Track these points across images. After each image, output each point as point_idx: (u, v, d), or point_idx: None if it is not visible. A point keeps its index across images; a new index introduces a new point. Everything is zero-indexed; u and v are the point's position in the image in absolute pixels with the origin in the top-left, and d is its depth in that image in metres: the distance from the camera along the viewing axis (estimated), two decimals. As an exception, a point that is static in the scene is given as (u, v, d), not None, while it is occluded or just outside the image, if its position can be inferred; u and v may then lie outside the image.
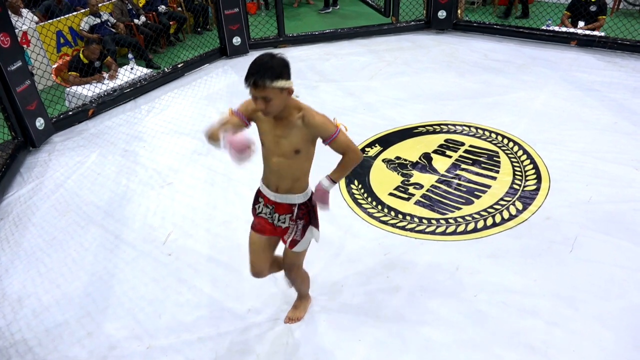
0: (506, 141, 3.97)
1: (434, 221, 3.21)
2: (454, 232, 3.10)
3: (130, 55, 5.79)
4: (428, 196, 3.45)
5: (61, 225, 3.52)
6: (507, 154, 3.80)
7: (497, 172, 3.62)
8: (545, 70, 5.15)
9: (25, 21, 5.99)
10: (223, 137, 1.88)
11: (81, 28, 6.43)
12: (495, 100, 4.63)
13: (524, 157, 3.75)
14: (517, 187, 3.44)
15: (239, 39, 6.16)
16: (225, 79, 5.74)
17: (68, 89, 5.23)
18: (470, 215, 3.23)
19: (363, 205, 3.44)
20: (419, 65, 5.57)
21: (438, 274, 2.81)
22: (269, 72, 1.76)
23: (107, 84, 5.30)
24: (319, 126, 1.92)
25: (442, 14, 6.27)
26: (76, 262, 3.16)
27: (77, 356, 2.54)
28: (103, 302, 2.84)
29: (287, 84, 1.82)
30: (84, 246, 3.29)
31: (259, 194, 2.20)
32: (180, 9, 7.67)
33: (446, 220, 3.21)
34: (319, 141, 1.99)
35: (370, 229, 3.21)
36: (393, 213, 3.33)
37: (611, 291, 2.59)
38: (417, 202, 3.40)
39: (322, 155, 2.22)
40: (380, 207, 3.40)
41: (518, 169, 3.62)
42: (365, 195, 3.54)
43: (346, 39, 6.53)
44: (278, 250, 2.36)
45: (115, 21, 6.63)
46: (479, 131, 4.15)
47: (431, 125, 4.32)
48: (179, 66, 5.85)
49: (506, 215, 3.20)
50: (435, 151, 3.93)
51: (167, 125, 4.79)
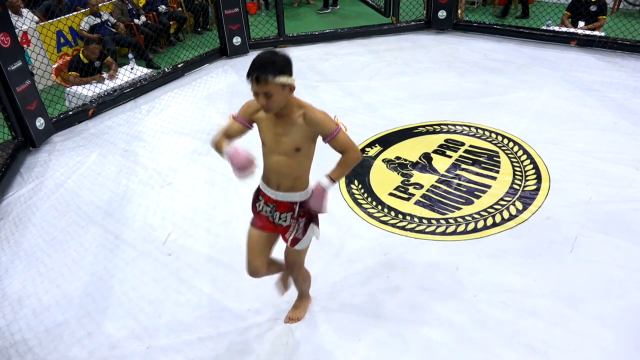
0: (506, 141, 3.97)
1: (434, 221, 3.21)
2: (454, 232, 3.10)
3: (130, 55, 5.80)
4: (428, 196, 3.45)
5: (61, 225, 3.52)
6: (507, 154, 3.80)
7: (497, 172, 3.62)
8: (545, 70, 5.15)
9: (25, 21, 5.99)
10: (226, 152, 1.93)
11: (81, 28, 6.43)
12: (495, 100, 4.63)
13: (524, 157, 3.75)
14: (517, 187, 3.44)
15: (239, 39, 6.16)
16: (225, 79, 5.74)
17: (68, 89, 5.23)
18: (470, 215, 3.23)
19: (363, 205, 3.44)
20: (419, 65, 5.57)
21: (438, 274, 2.81)
22: (272, 68, 1.76)
23: (107, 84, 5.31)
24: (320, 123, 1.91)
25: (442, 14, 6.27)
26: (76, 262, 3.16)
27: (77, 356, 2.54)
28: (103, 302, 2.84)
29: (289, 81, 1.82)
30: (84, 246, 3.29)
31: (259, 193, 2.19)
32: (180, 9, 7.67)
33: (446, 220, 3.21)
34: (319, 140, 1.99)
35: (370, 229, 3.21)
36: (393, 213, 3.33)
37: (611, 291, 2.59)
38: (417, 202, 3.40)
39: (323, 155, 2.22)
40: (380, 207, 3.40)
41: (518, 169, 3.62)
42: (365, 195, 3.54)
43: (346, 39, 6.53)
44: (278, 253, 2.36)
45: (115, 21, 6.63)
46: (479, 131, 4.15)
47: (431, 125, 4.32)
48: (179, 66, 5.85)
49: (506, 215, 3.20)
50: (435, 151, 3.93)
51: (167, 125, 4.79)
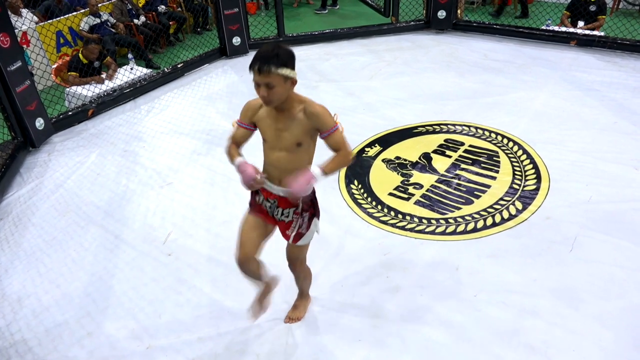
0: (506, 141, 3.97)
1: (434, 221, 3.21)
2: (454, 232, 3.10)
3: (130, 55, 5.79)
4: (428, 196, 3.45)
5: (61, 225, 3.52)
6: (507, 154, 3.80)
7: (497, 172, 3.62)
8: (545, 70, 5.15)
9: (25, 21, 5.99)
10: (236, 165, 2.01)
11: (81, 28, 6.43)
12: (495, 100, 4.63)
13: (524, 157, 3.75)
14: (517, 187, 3.44)
15: (239, 39, 6.16)
16: (225, 79, 5.74)
17: (68, 89, 5.22)
18: (470, 215, 3.23)
19: (363, 205, 3.44)
20: (419, 65, 5.57)
21: (438, 274, 2.81)
22: (275, 59, 1.77)
23: (107, 84, 5.30)
24: (319, 116, 1.91)
25: (442, 14, 6.27)
26: (76, 262, 3.16)
27: (77, 356, 2.54)
28: (103, 302, 2.84)
29: (292, 74, 1.83)
30: (84, 246, 3.29)
31: (259, 189, 2.17)
32: (180, 9, 7.67)
33: (446, 220, 3.21)
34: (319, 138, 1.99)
35: (370, 229, 3.21)
36: (393, 213, 3.33)
37: (611, 291, 2.59)
38: (417, 202, 3.40)
39: (324, 154, 2.21)
40: (380, 207, 3.40)
41: (518, 169, 3.62)
42: (365, 195, 3.54)
43: (346, 39, 6.53)
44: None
45: (114, 21, 6.63)
46: (479, 131, 4.15)
47: (431, 125, 4.32)
48: (179, 66, 5.85)
49: (506, 215, 3.20)
50: (435, 151, 3.93)
51: (167, 125, 4.79)
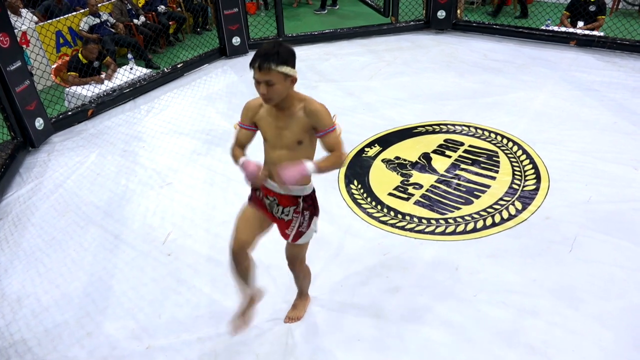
0: (505, 141, 3.97)
1: (434, 221, 3.21)
2: (454, 232, 3.10)
3: (129, 55, 5.79)
4: (427, 196, 3.45)
5: (60, 225, 3.51)
6: (507, 154, 3.80)
7: (497, 172, 3.62)
8: (544, 70, 5.15)
9: (24, 21, 5.99)
10: (240, 164, 1.99)
11: (80, 28, 6.43)
12: (494, 100, 4.64)
13: (524, 157, 3.75)
14: (517, 187, 3.44)
15: (239, 39, 6.15)
16: (224, 79, 5.74)
17: (67, 89, 5.22)
18: (469, 215, 3.23)
19: (362, 205, 3.44)
20: (419, 65, 5.57)
21: (438, 274, 2.81)
22: (275, 57, 1.78)
23: (107, 84, 5.30)
24: (318, 114, 1.91)
25: (442, 14, 6.27)
26: (75, 262, 3.16)
27: (77, 356, 2.54)
28: (102, 302, 2.84)
29: (292, 72, 1.83)
30: (84, 246, 3.29)
31: (258, 190, 2.16)
32: (179, 9, 7.67)
33: (445, 220, 3.21)
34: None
35: (369, 229, 3.21)
36: (392, 213, 3.33)
37: (611, 291, 2.59)
38: (417, 202, 3.40)
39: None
40: (379, 207, 3.40)
41: (517, 169, 3.62)
42: (364, 195, 3.54)
43: (346, 39, 6.53)
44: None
45: (114, 21, 6.63)
46: (479, 131, 4.15)
47: (431, 125, 4.32)
48: (179, 66, 5.85)
49: (505, 215, 3.20)
50: (434, 151, 3.93)
51: (167, 125, 4.79)
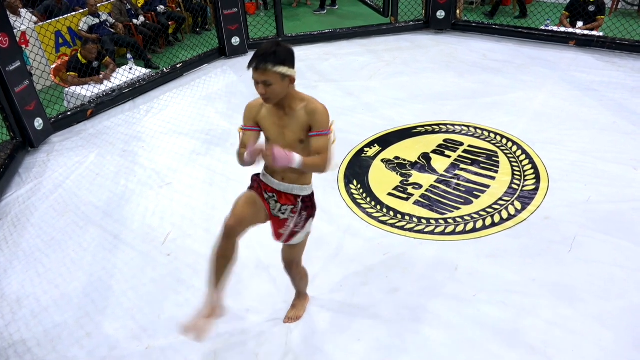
0: (505, 141, 3.97)
1: (433, 221, 3.21)
2: (453, 232, 3.10)
3: (129, 55, 5.79)
4: (427, 196, 3.45)
5: (60, 225, 3.51)
6: (506, 154, 3.80)
7: (496, 172, 3.62)
8: (544, 70, 5.15)
9: (23, 21, 5.98)
10: (247, 152, 1.89)
11: (80, 28, 6.42)
12: (494, 100, 4.64)
13: (523, 157, 3.75)
14: (516, 187, 3.44)
15: (238, 39, 6.15)
16: (224, 79, 5.73)
17: (67, 89, 5.22)
18: (469, 215, 3.23)
19: (362, 205, 3.44)
20: (418, 65, 5.57)
21: (437, 274, 2.80)
22: (272, 57, 1.78)
23: (106, 84, 5.30)
24: (317, 113, 1.90)
25: (441, 14, 6.27)
26: (75, 263, 3.15)
27: (76, 356, 2.53)
28: (102, 303, 2.84)
29: (289, 72, 1.83)
30: (83, 246, 3.29)
31: (259, 182, 2.15)
32: (179, 9, 7.66)
33: (445, 220, 3.21)
34: None
35: (369, 229, 3.21)
36: (392, 213, 3.33)
37: (611, 291, 2.59)
38: (416, 202, 3.40)
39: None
40: (379, 207, 3.40)
41: (517, 169, 3.62)
42: (364, 195, 3.54)
43: (345, 39, 6.52)
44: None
45: (114, 21, 6.63)
46: (478, 131, 4.15)
47: (430, 125, 4.32)
48: (178, 66, 5.85)
49: (505, 215, 3.20)
50: (434, 151, 3.93)
51: (166, 125, 4.79)
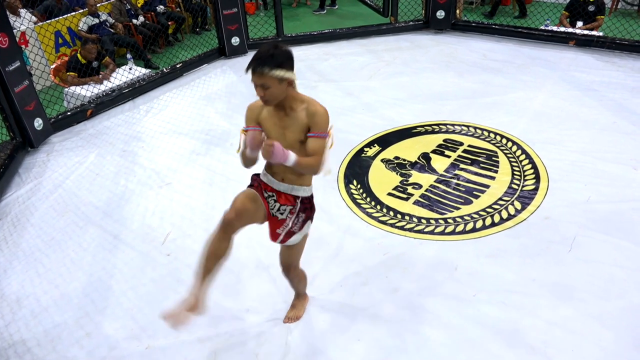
0: (505, 141, 3.97)
1: (433, 221, 3.21)
2: (453, 232, 3.10)
3: (128, 55, 5.79)
4: (427, 196, 3.45)
5: (60, 225, 3.51)
6: (506, 154, 3.80)
7: (496, 172, 3.62)
8: (544, 70, 5.15)
9: (23, 21, 5.98)
10: (245, 141, 1.93)
11: (79, 28, 6.42)
12: (494, 100, 4.64)
13: (523, 157, 3.75)
14: (516, 187, 3.44)
15: (238, 39, 6.15)
16: (223, 79, 5.73)
17: (66, 90, 5.22)
18: (469, 215, 3.23)
19: (362, 205, 3.44)
20: (418, 65, 5.57)
21: (437, 274, 2.80)
22: (269, 61, 1.79)
23: (106, 84, 5.30)
24: (317, 115, 1.91)
25: (441, 14, 6.27)
26: (75, 263, 3.15)
27: (76, 356, 2.53)
28: (102, 303, 2.84)
29: (287, 75, 1.82)
30: (83, 246, 3.29)
31: (259, 181, 2.15)
32: (178, 9, 7.66)
33: (445, 220, 3.21)
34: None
35: (369, 229, 3.21)
36: (392, 213, 3.33)
37: (611, 291, 2.59)
38: (416, 202, 3.40)
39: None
40: (379, 207, 3.39)
41: (517, 169, 3.62)
42: (364, 195, 3.54)
43: (345, 39, 6.52)
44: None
45: (113, 21, 6.63)
46: (478, 131, 4.15)
47: (430, 125, 4.31)
48: (178, 66, 5.85)
49: (505, 215, 3.20)
50: (434, 151, 3.93)
51: (166, 125, 4.78)
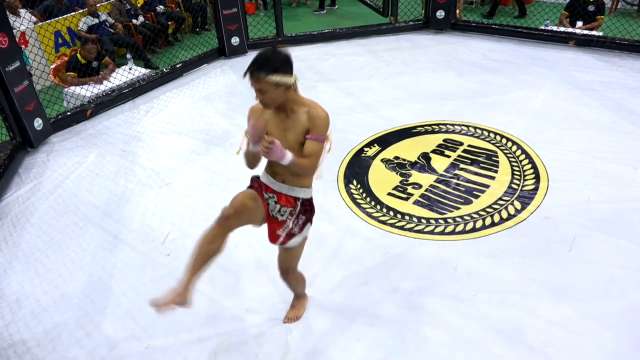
0: (505, 141, 3.97)
1: (433, 221, 3.21)
2: (453, 232, 3.10)
3: (128, 55, 5.79)
4: (427, 196, 3.45)
5: (59, 225, 3.51)
6: (506, 154, 3.80)
7: (496, 172, 3.62)
8: (543, 70, 5.15)
9: (23, 21, 5.98)
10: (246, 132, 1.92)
11: (79, 28, 6.42)
12: (494, 100, 4.64)
13: (523, 157, 3.75)
14: (516, 187, 3.44)
15: (238, 39, 6.15)
16: (223, 79, 5.73)
17: (66, 90, 5.22)
18: (468, 215, 3.23)
19: (362, 205, 3.44)
20: (418, 65, 5.57)
21: (437, 274, 2.80)
22: (266, 66, 1.79)
23: (105, 84, 5.30)
24: (317, 118, 1.91)
25: (441, 14, 6.27)
26: (74, 263, 3.15)
27: (76, 357, 2.53)
28: (102, 303, 2.84)
29: (284, 79, 1.82)
30: (83, 247, 3.29)
31: (260, 182, 2.15)
32: (178, 9, 7.66)
33: (445, 220, 3.21)
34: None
35: (369, 229, 3.21)
36: (392, 213, 3.33)
37: (611, 291, 2.59)
38: (416, 202, 3.40)
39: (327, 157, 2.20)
40: (379, 207, 3.39)
41: (517, 169, 3.62)
42: (364, 195, 3.54)
43: (345, 39, 6.52)
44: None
45: (113, 21, 6.62)
46: (478, 131, 4.15)
47: (430, 125, 4.31)
48: (178, 66, 5.85)
49: (505, 215, 3.20)
50: (433, 151, 3.93)
51: (166, 125, 4.78)
